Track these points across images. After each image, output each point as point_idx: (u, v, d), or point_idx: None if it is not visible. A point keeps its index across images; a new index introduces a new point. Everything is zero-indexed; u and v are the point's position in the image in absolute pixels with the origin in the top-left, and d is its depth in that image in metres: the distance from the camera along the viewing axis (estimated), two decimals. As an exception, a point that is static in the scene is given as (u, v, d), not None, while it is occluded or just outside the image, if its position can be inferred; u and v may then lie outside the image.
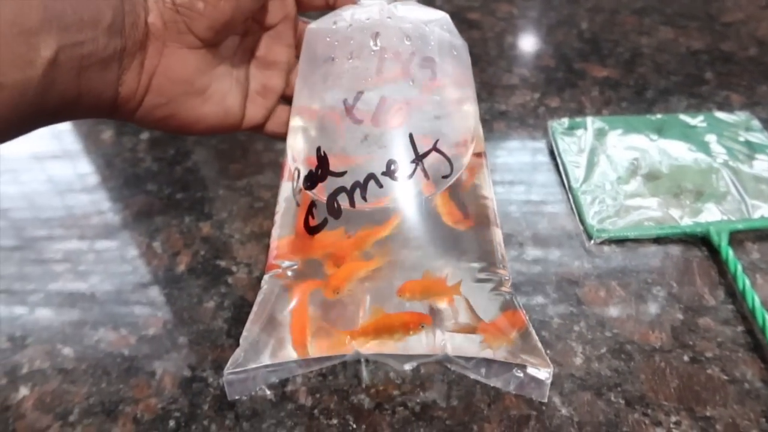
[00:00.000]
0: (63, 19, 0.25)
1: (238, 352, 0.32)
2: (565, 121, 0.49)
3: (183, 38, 0.30)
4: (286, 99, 0.37)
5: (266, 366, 0.32)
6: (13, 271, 0.43)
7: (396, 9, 0.33)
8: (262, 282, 0.33)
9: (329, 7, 0.35)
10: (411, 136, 0.32)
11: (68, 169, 0.52)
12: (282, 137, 0.36)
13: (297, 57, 0.37)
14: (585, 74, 0.57)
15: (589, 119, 0.49)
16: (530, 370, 0.31)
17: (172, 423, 0.32)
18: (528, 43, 0.64)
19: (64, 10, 0.25)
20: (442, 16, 0.34)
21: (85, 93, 0.27)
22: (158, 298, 0.39)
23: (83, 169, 0.51)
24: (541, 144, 0.50)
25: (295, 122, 0.35)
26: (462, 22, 0.67)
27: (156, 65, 0.30)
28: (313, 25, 0.35)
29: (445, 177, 0.32)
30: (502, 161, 0.48)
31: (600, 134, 0.48)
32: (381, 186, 0.31)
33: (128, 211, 0.46)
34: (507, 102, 0.54)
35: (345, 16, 0.34)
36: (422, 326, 0.30)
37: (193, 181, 0.49)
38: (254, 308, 0.33)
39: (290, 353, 0.32)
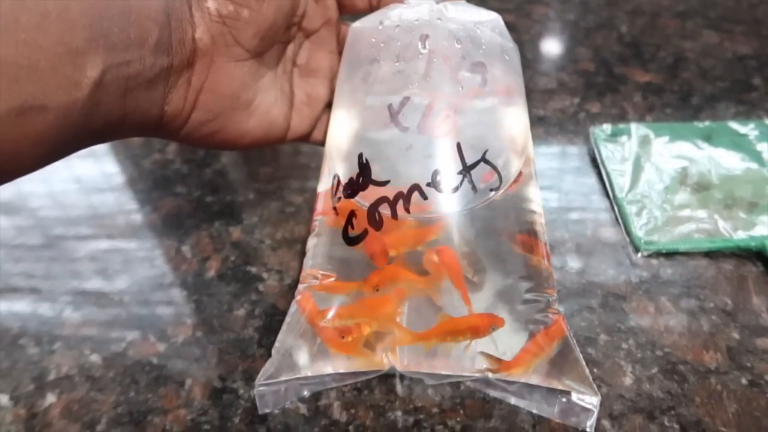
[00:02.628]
0: (109, 38, 0.23)
1: (270, 363, 0.30)
2: (608, 127, 0.47)
3: (230, 51, 0.29)
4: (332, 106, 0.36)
5: (298, 378, 0.31)
6: (41, 269, 0.42)
7: (446, 9, 0.32)
8: (296, 291, 0.32)
9: (372, 9, 0.33)
10: (459, 146, 0.30)
11: (96, 169, 0.51)
12: None
13: (339, 63, 0.35)
14: (626, 79, 0.55)
15: (633, 126, 0.47)
16: (575, 398, 0.29)
17: (201, 436, 0.31)
18: (566, 46, 0.62)
19: (111, 28, 0.24)
20: (494, 18, 0.32)
21: (130, 113, 0.26)
22: (187, 304, 0.38)
23: (111, 169, 0.51)
24: (582, 151, 0.48)
25: (335, 127, 0.34)
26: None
27: (203, 81, 0.29)
28: (358, 24, 0.33)
29: (493, 190, 0.30)
30: (541, 168, 0.46)
31: (645, 141, 0.46)
32: (425, 197, 0.29)
33: (157, 213, 0.46)
34: (545, 107, 0.53)
35: (392, 16, 0.32)
36: (492, 328, 0.29)
37: (223, 184, 0.48)
38: (287, 318, 0.32)
39: (324, 366, 0.31)
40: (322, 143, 0.35)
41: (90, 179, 0.50)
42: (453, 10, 0.32)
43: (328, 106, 0.36)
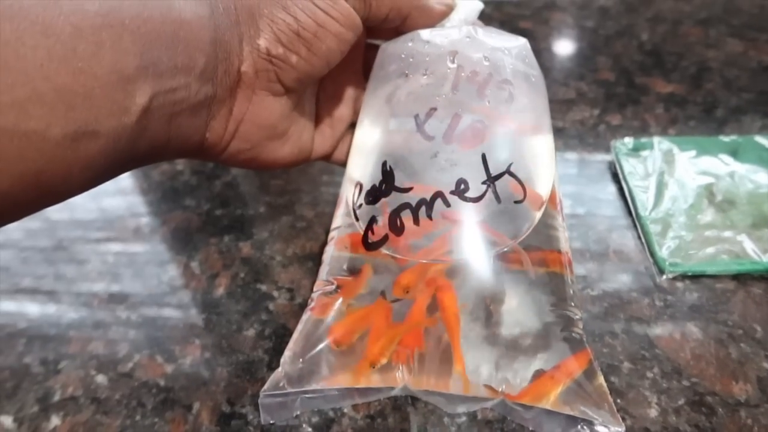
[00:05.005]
0: (158, 66, 0.24)
1: (278, 374, 0.30)
2: (630, 141, 0.46)
3: (270, 86, 0.30)
4: (354, 127, 0.36)
5: (305, 391, 0.30)
6: (48, 272, 0.41)
7: (476, 32, 0.32)
8: (310, 299, 0.31)
9: (399, 34, 0.33)
10: (484, 157, 0.30)
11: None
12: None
13: (362, 84, 0.36)
14: (648, 89, 0.54)
15: (656, 139, 0.46)
16: (598, 428, 0.28)
17: (209, 465, 0.30)
18: (584, 54, 0.61)
19: (160, 57, 0.24)
20: (522, 43, 0.32)
21: (174, 138, 0.27)
22: (196, 323, 0.37)
23: (123, 183, 0.50)
24: (603, 165, 0.46)
25: (361, 136, 0.34)
26: (513, 31, 0.64)
27: (244, 112, 0.30)
28: (388, 45, 0.33)
29: (517, 202, 0.29)
30: (560, 182, 0.45)
31: (668, 156, 0.44)
32: (448, 205, 0.29)
33: (166, 227, 0.45)
34: (564, 118, 0.51)
35: (422, 34, 0.32)
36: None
37: (233, 197, 0.47)
38: (299, 327, 0.31)
39: (333, 380, 0.30)
40: (343, 164, 0.35)
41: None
42: (482, 33, 0.32)
43: (351, 126, 0.36)
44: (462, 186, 0.29)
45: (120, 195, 0.48)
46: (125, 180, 0.50)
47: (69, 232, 0.45)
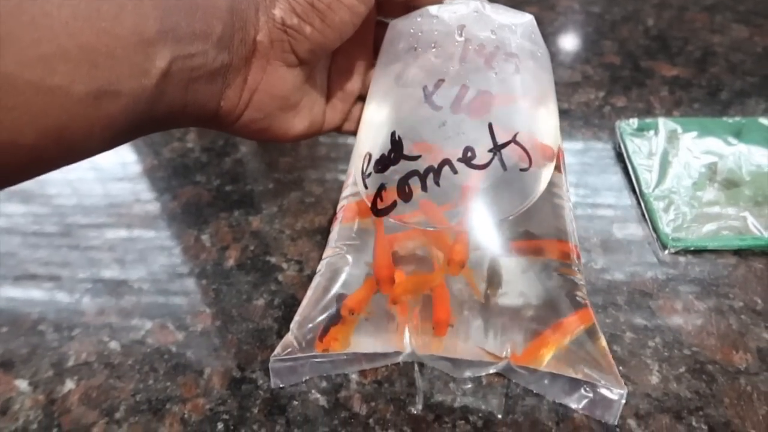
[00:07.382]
0: (177, 31, 0.25)
1: (288, 339, 0.31)
2: (634, 121, 0.46)
3: (284, 57, 0.30)
4: (363, 99, 0.37)
5: (315, 355, 0.31)
6: (58, 257, 0.42)
7: (483, 7, 0.33)
8: (320, 266, 0.32)
9: (408, 11, 0.34)
10: (490, 126, 0.31)
11: (113, 158, 0.51)
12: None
13: (373, 60, 0.36)
14: (653, 73, 0.54)
15: (660, 120, 0.46)
16: (601, 390, 0.29)
17: (220, 426, 0.31)
18: (590, 39, 0.61)
19: (179, 23, 0.25)
20: (528, 20, 0.33)
21: (190, 104, 0.28)
22: (207, 293, 0.38)
23: (129, 158, 0.51)
24: (608, 145, 0.47)
25: (371, 111, 0.35)
26: (519, 16, 0.65)
27: (259, 82, 0.30)
28: (397, 21, 0.34)
29: (523, 170, 0.30)
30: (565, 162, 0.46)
31: (672, 136, 0.45)
32: (456, 172, 0.30)
33: (176, 202, 0.45)
34: (570, 100, 0.52)
35: (431, 10, 0.33)
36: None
37: (242, 174, 0.48)
38: (308, 293, 0.32)
39: (343, 344, 0.31)
40: (353, 133, 0.36)
41: (107, 167, 0.50)
42: (489, 9, 0.33)
43: (360, 99, 0.37)
44: (469, 153, 0.30)
45: (127, 180, 0.49)
46: (134, 166, 0.50)
47: (76, 216, 0.46)
